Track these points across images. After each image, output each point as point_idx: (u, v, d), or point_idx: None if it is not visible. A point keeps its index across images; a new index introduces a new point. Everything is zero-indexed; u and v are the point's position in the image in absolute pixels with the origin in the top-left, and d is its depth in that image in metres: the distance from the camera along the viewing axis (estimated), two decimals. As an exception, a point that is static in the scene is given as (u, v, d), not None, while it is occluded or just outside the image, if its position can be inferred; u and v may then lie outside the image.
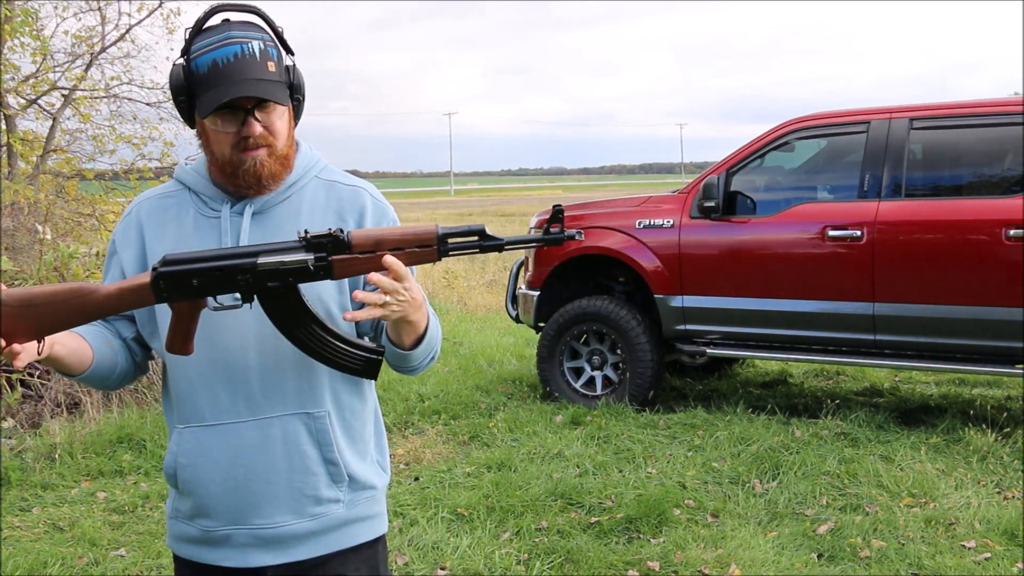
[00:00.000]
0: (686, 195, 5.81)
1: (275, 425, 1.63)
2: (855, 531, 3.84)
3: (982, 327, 4.91)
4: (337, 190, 1.71)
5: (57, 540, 3.91)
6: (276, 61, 1.58)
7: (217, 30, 1.57)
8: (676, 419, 5.56)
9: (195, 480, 1.65)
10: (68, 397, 5.57)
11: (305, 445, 1.64)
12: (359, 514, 1.72)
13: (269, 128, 1.58)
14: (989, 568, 3.51)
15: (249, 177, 1.60)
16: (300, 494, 1.65)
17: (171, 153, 10.57)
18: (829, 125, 5.59)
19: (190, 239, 1.64)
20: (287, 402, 1.63)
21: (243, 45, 1.55)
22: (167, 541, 1.78)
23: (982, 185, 5.23)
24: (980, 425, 5.12)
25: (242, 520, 1.65)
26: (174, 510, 1.73)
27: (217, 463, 1.63)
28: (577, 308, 5.96)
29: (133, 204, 1.74)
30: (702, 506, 4.18)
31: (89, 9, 9.89)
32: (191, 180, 1.70)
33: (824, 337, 5.36)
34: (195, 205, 1.68)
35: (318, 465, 1.65)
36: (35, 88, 9.45)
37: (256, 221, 1.65)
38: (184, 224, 1.67)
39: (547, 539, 3.84)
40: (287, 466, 1.64)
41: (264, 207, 1.66)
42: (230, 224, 1.64)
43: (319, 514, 1.67)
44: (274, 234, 1.64)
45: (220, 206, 1.66)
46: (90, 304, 1.52)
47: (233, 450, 1.63)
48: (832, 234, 5.24)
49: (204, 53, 1.56)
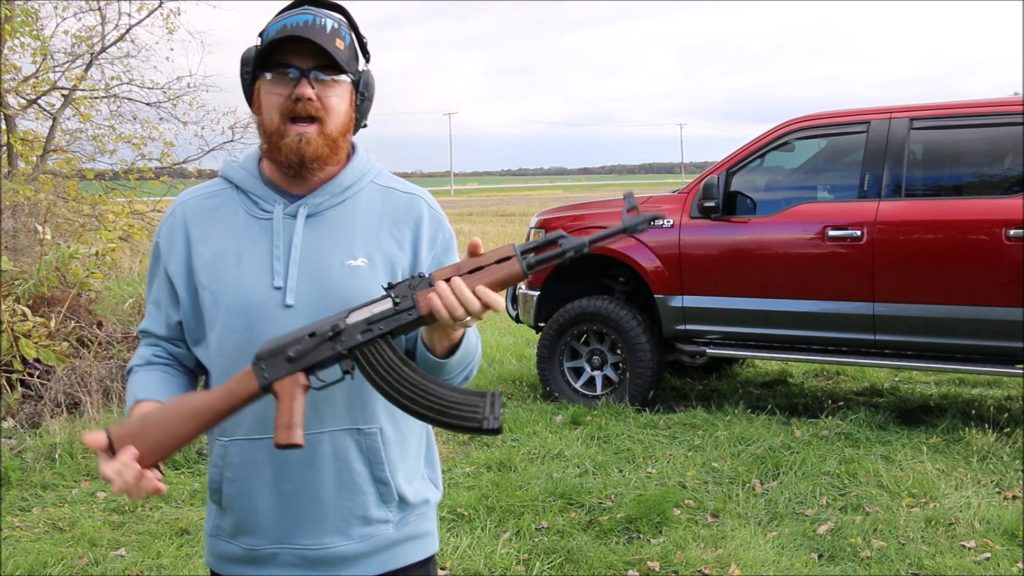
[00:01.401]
0: (686, 195, 5.81)
1: (325, 441, 1.54)
2: (855, 531, 3.84)
3: (982, 327, 4.91)
4: (393, 197, 1.63)
5: (57, 540, 3.91)
6: (347, 44, 1.54)
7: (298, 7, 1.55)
8: (676, 419, 5.56)
9: (240, 495, 1.57)
10: (68, 397, 5.57)
11: (355, 463, 1.56)
12: (409, 533, 1.64)
13: (324, 100, 1.51)
14: (989, 568, 3.51)
15: (291, 153, 1.51)
16: (349, 514, 1.57)
17: (171, 153, 10.58)
18: (829, 125, 5.59)
19: (241, 241, 1.56)
20: (337, 417, 1.54)
21: (317, 17, 1.52)
22: (206, 560, 1.69)
23: (982, 185, 5.23)
24: (980, 425, 5.13)
25: (288, 539, 1.57)
26: (215, 528, 1.64)
27: (264, 478, 1.55)
28: (577, 308, 5.96)
29: (176, 204, 1.64)
30: (702, 506, 4.18)
31: (89, 9, 9.90)
32: (240, 177, 1.61)
33: (824, 337, 5.36)
34: (244, 205, 1.59)
35: (368, 484, 1.57)
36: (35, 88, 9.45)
37: (309, 224, 1.56)
38: (233, 226, 1.58)
39: (547, 539, 3.84)
40: (335, 483, 1.56)
41: (318, 209, 1.57)
42: (283, 226, 1.55)
43: (368, 535, 1.59)
44: (328, 238, 1.56)
45: (271, 206, 1.57)
46: (201, 415, 1.45)
47: (281, 465, 1.54)
48: (832, 234, 5.24)
49: (276, 22, 1.53)
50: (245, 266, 1.55)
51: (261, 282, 1.54)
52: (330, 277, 1.54)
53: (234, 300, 1.54)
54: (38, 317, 5.81)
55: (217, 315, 1.55)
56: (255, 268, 1.55)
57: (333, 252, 1.56)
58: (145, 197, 10.82)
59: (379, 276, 1.56)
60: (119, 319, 6.79)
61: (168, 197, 10.87)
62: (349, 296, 1.51)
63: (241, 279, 1.55)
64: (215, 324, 1.55)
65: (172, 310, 1.62)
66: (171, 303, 1.62)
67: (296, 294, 1.53)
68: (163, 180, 10.35)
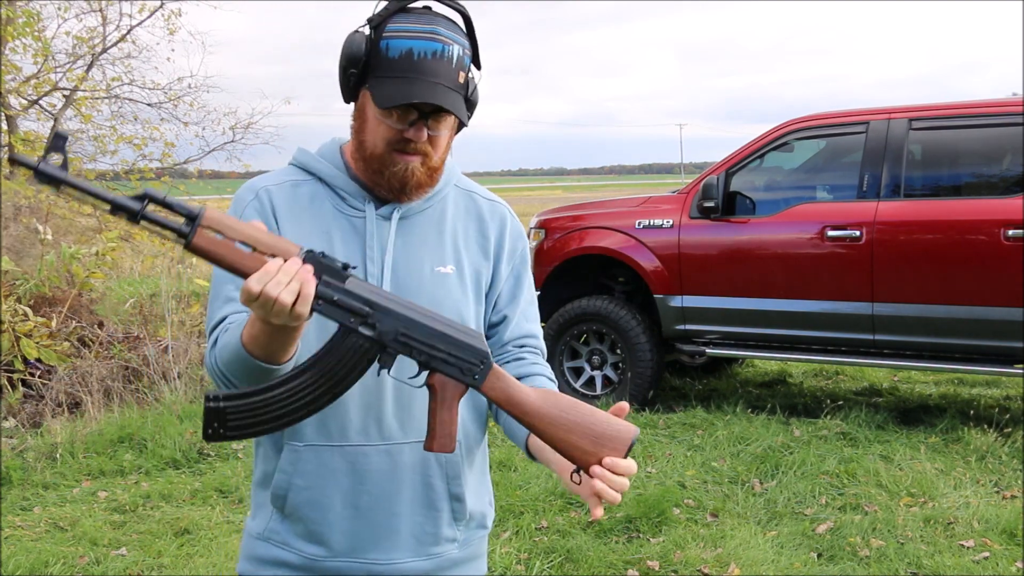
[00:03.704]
0: (686, 195, 5.82)
1: (406, 452, 1.48)
2: (854, 530, 3.84)
3: (981, 327, 4.92)
4: (477, 203, 1.60)
5: (58, 539, 3.92)
6: (467, 73, 1.43)
7: (424, 19, 1.40)
8: (676, 419, 5.57)
9: (311, 504, 1.48)
10: (69, 397, 5.58)
11: (434, 478, 1.51)
12: (470, 555, 1.59)
13: (434, 138, 1.44)
14: (988, 567, 3.52)
15: (395, 181, 1.45)
16: (422, 531, 1.51)
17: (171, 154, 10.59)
18: (828, 125, 5.60)
19: (333, 234, 1.48)
20: (420, 428, 1.45)
21: (447, 47, 1.39)
22: (240, 566, 1.58)
23: (981, 185, 5.24)
24: (979, 425, 5.14)
25: (357, 553, 1.49)
26: (268, 531, 1.53)
27: (341, 487, 1.47)
28: (577, 308, 5.97)
29: (257, 190, 1.50)
30: (702, 505, 4.19)
31: (90, 10, 9.91)
32: (325, 170, 1.52)
33: (823, 337, 5.37)
34: (330, 199, 1.50)
35: (443, 501, 1.52)
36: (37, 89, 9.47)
37: (400, 227, 1.51)
38: (322, 218, 1.49)
39: (547, 538, 3.85)
40: (412, 497, 1.50)
41: (409, 212, 1.51)
42: (376, 227, 1.49)
43: (436, 554, 1.53)
44: (418, 243, 1.51)
45: (362, 205, 1.50)
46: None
47: (360, 475, 1.46)
48: (831, 234, 5.25)
49: (403, 37, 1.39)
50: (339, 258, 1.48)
51: None
52: (420, 284, 1.50)
53: None
54: (39, 317, 5.82)
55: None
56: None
57: (423, 258, 1.51)
58: (146, 197, 10.81)
59: (466, 285, 1.53)
60: (120, 319, 6.80)
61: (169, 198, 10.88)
62: (437, 304, 1.46)
63: None
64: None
65: None
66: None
67: None
68: (164, 180, 10.37)
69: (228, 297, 1.46)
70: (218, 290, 1.48)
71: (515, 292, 1.61)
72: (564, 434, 1.36)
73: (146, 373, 5.88)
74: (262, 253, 1.24)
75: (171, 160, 10.68)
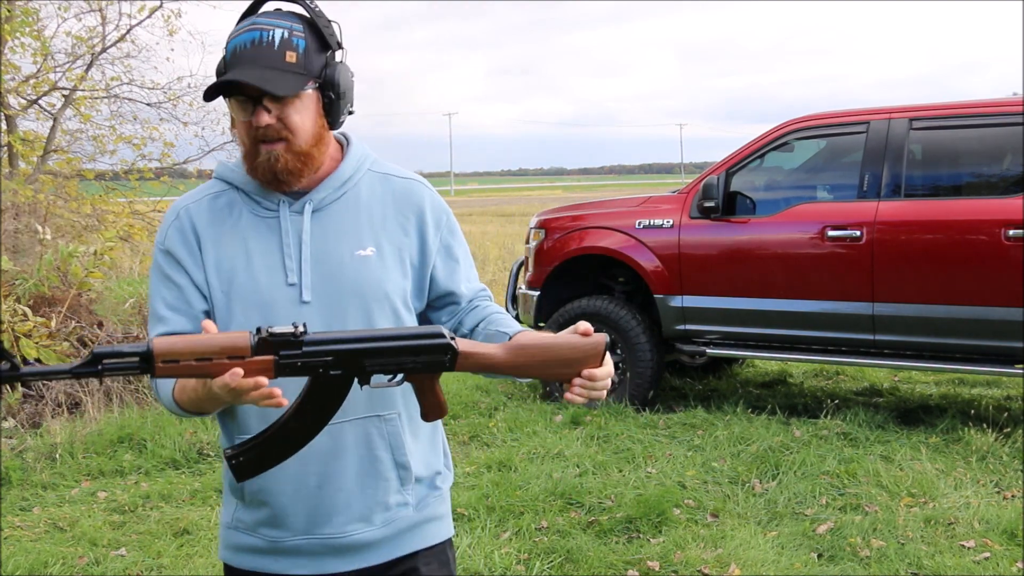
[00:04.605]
0: (686, 195, 5.81)
1: (347, 431, 1.56)
2: (855, 531, 3.84)
3: (981, 327, 4.91)
4: (392, 183, 1.66)
5: (58, 540, 3.91)
6: (300, 52, 1.50)
7: (251, 18, 1.53)
8: (676, 419, 5.57)
9: (265, 491, 1.58)
10: (69, 397, 5.58)
11: (378, 450, 1.59)
12: (428, 516, 1.68)
13: (284, 120, 1.50)
14: (988, 568, 3.51)
15: (265, 171, 1.53)
16: (372, 500, 1.60)
17: (171, 154, 10.58)
18: (829, 125, 5.59)
19: (249, 242, 1.57)
20: (358, 406, 1.55)
21: (264, 32, 1.49)
22: (220, 554, 1.70)
23: (981, 185, 5.23)
24: (980, 425, 5.13)
25: (314, 530, 1.59)
26: (235, 521, 1.65)
27: (288, 473, 1.55)
28: (577, 308, 5.96)
29: (178, 210, 1.62)
30: (702, 506, 4.18)
31: (90, 10, 9.89)
32: (240, 179, 1.60)
33: (824, 337, 5.37)
34: (247, 205, 1.60)
35: (390, 470, 1.61)
36: (36, 88, 9.46)
37: (315, 219, 1.58)
38: (239, 226, 1.58)
39: (547, 539, 3.84)
40: (359, 472, 1.59)
41: (321, 204, 1.59)
42: (290, 223, 1.57)
43: (390, 520, 1.62)
44: (335, 232, 1.58)
45: (276, 205, 1.58)
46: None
47: (304, 458, 1.53)
48: (831, 234, 5.25)
49: (230, 39, 1.52)
50: (257, 265, 1.57)
51: (275, 280, 1.56)
52: (341, 269, 1.57)
53: (249, 299, 1.56)
54: (39, 317, 5.81)
55: (231, 315, 1.56)
56: (267, 266, 1.57)
57: (342, 244, 1.58)
58: (145, 197, 10.82)
59: (388, 264, 1.60)
60: (119, 319, 6.80)
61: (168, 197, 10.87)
62: (362, 286, 1.57)
63: (255, 278, 1.56)
64: (229, 324, 1.55)
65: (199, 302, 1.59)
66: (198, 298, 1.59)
67: (311, 290, 1.56)
68: (163, 180, 10.36)
69: (159, 316, 1.59)
70: (152, 308, 1.62)
71: (450, 266, 1.68)
72: (540, 371, 1.50)
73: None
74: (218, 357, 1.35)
75: (170, 160, 10.67)
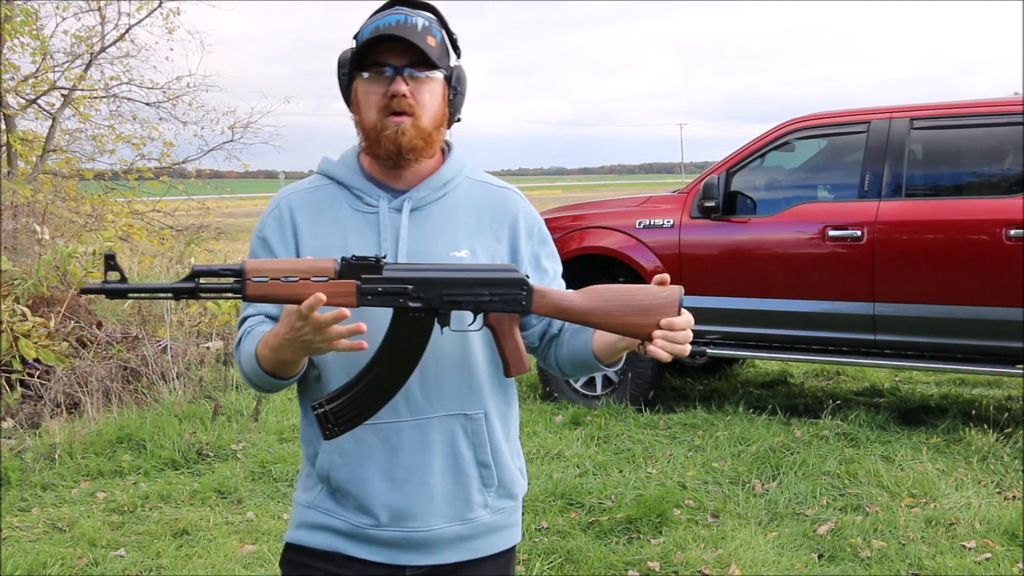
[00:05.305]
0: (686, 195, 5.81)
1: (435, 426, 1.61)
2: (855, 531, 3.83)
3: (982, 327, 4.91)
4: (490, 192, 1.72)
5: (56, 540, 3.90)
6: (438, 40, 1.59)
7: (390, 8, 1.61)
8: (676, 419, 5.56)
9: (353, 480, 1.61)
10: (68, 397, 5.56)
11: (462, 447, 1.63)
12: (501, 522, 1.70)
13: (416, 96, 1.57)
14: (989, 568, 3.51)
15: (390, 144, 1.57)
16: (454, 496, 1.63)
17: (170, 153, 10.58)
18: (829, 125, 5.58)
19: (348, 235, 1.61)
20: (446, 403, 1.61)
21: (408, 16, 1.58)
22: (289, 535, 1.70)
23: (982, 185, 5.23)
24: (981, 425, 5.12)
25: (400, 522, 1.62)
26: (317, 501, 1.66)
27: (378, 464, 1.60)
28: (577, 308, 5.94)
29: (279, 199, 1.68)
30: (702, 506, 4.18)
31: (89, 9, 9.90)
32: (341, 173, 1.66)
33: (824, 337, 5.36)
34: (347, 200, 1.64)
35: (472, 467, 1.64)
36: (35, 88, 9.46)
37: (413, 218, 1.62)
38: (339, 220, 1.63)
39: (547, 539, 3.84)
40: (443, 468, 1.62)
41: (421, 203, 1.63)
42: (389, 220, 1.61)
43: (468, 519, 1.65)
44: (432, 231, 1.62)
45: (376, 201, 1.63)
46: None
47: (393, 450, 1.59)
48: (832, 234, 5.24)
49: (370, 23, 1.59)
50: None
51: None
52: None
53: None
54: (38, 317, 5.80)
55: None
56: None
57: (438, 244, 1.62)
58: (144, 197, 10.82)
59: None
60: (119, 319, 6.79)
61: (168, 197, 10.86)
62: None
63: None
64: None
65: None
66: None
67: None
68: (162, 180, 10.36)
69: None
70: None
71: (539, 275, 1.73)
72: (617, 319, 1.53)
73: (145, 373, 5.87)
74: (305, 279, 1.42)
75: (170, 159, 10.68)
